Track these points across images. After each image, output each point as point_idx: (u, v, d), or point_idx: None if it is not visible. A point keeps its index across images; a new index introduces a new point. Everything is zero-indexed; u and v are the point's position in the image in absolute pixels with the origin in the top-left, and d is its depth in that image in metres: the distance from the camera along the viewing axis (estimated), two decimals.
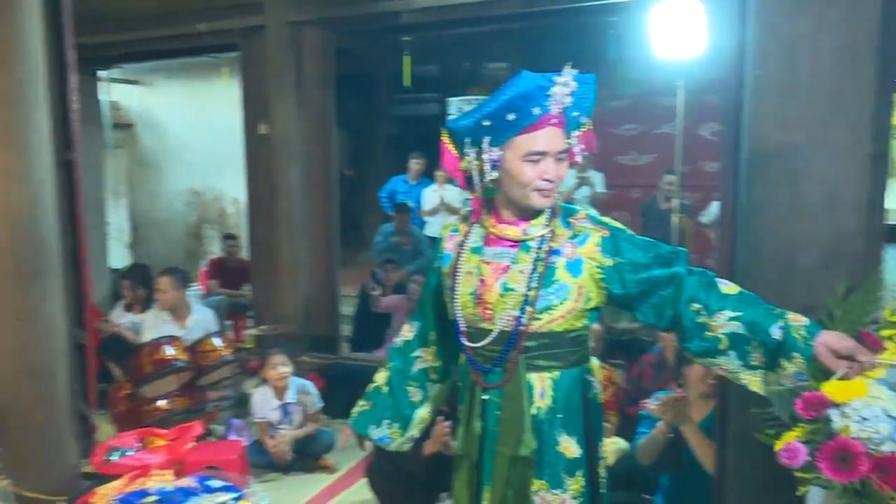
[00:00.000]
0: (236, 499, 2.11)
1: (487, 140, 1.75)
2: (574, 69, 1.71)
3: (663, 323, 1.79)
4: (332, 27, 5.53)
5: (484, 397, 1.86)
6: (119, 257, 8.73)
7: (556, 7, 4.95)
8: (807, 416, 1.48)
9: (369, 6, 5.23)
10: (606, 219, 1.86)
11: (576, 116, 1.78)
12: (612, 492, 1.99)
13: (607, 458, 2.08)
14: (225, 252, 7.32)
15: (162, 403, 4.39)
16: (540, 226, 1.82)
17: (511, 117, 1.71)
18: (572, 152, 1.80)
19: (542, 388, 1.82)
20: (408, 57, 6.85)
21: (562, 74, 1.70)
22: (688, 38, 4.94)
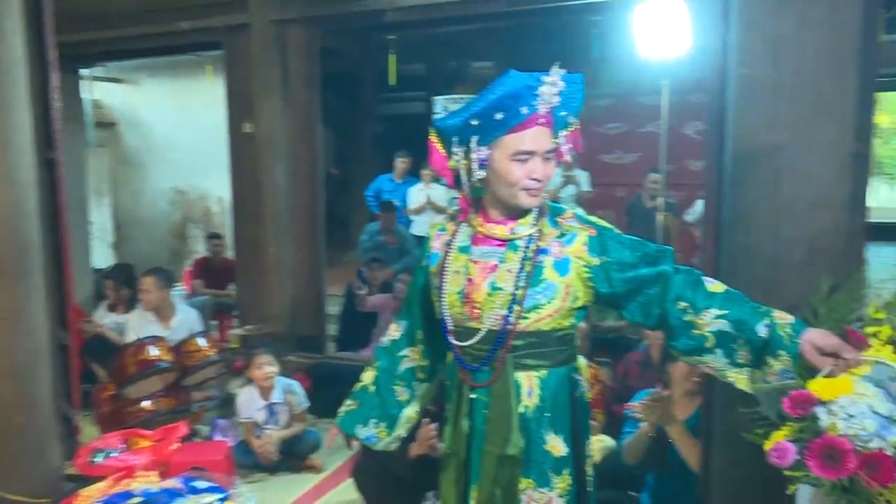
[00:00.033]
0: (222, 499, 2.11)
1: (475, 139, 1.75)
2: (561, 69, 1.71)
3: (650, 321, 1.79)
4: (316, 25, 5.51)
5: (472, 396, 1.86)
6: (102, 257, 8.67)
7: (540, 6, 4.97)
8: (794, 414, 1.49)
9: (354, 5, 5.22)
10: (594, 218, 1.87)
11: (563, 116, 1.78)
12: (598, 490, 1.99)
13: (594, 456, 2.08)
14: (210, 251, 7.27)
15: (146, 404, 4.36)
16: (527, 225, 1.83)
17: (499, 116, 1.71)
18: (560, 152, 1.81)
19: (529, 386, 1.83)
20: (393, 56, 6.85)
21: (550, 74, 1.71)
22: (672, 37, 4.97)
